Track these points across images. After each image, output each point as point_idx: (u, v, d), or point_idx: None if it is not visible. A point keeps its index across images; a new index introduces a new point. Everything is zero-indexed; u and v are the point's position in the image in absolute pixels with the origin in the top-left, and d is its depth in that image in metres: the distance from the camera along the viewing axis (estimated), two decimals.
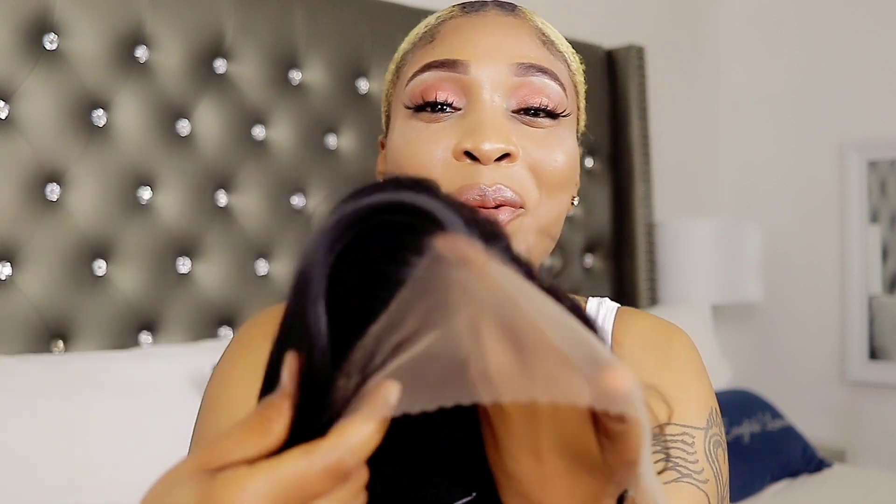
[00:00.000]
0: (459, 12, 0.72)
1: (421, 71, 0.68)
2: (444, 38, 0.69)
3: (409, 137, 0.68)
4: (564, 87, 0.69)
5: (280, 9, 1.82)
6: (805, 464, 2.27)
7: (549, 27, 0.74)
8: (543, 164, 0.67)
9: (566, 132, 0.70)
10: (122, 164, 1.61)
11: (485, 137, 0.64)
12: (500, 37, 0.68)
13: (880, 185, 2.74)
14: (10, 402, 1.30)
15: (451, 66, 0.67)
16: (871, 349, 2.74)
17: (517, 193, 0.65)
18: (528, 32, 0.70)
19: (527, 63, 0.67)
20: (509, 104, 0.67)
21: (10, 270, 1.48)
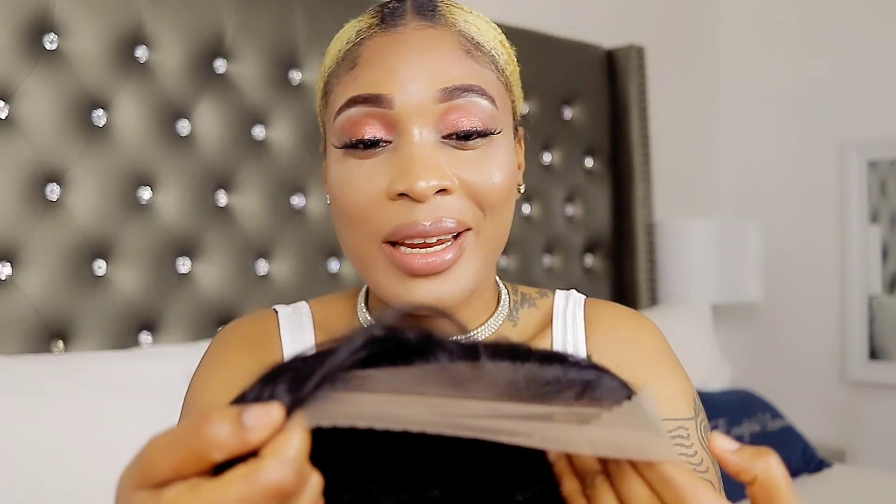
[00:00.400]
0: (378, 27, 0.70)
1: (346, 106, 0.68)
2: (365, 65, 0.68)
3: (344, 178, 0.68)
4: (493, 98, 0.69)
5: (280, 9, 1.82)
6: (805, 464, 2.27)
7: (472, 23, 0.72)
8: (481, 188, 0.67)
9: (500, 144, 0.69)
10: (122, 164, 1.61)
11: (418, 177, 0.64)
12: (422, 60, 0.67)
13: (880, 185, 2.74)
14: (10, 402, 1.30)
15: (374, 102, 0.66)
16: (871, 349, 2.74)
17: (458, 220, 0.66)
18: (451, 44, 0.69)
19: (451, 87, 0.66)
20: (439, 131, 0.67)
21: (10, 270, 1.48)
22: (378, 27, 0.70)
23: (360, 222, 0.67)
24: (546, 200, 2.35)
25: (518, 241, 2.28)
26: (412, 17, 0.70)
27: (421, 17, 0.70)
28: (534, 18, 2.39)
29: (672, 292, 2.60)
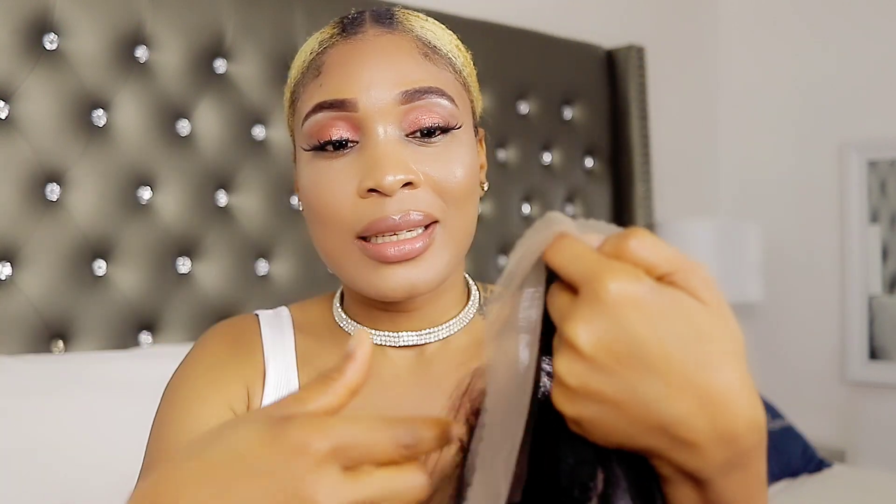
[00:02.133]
0: (339, 36, 0.74)
1: (313, 112, 0.72)
2: (329, 73, 0.72)
3: (315, 180, 0.72)
4: (453, 98, 0.73)
5: (280, 9, 1.82)
6: (805, 464, 2.27)
7: (429, 29, 0.76)
8: (444, 182, 0.71)
9: (462, 139, 0.73)
10: (122, 164, 1.61)
11: (385, 171, 0.68)
12: (382, 64, 0.71)
13: (880, 185, 2.74)
14: (10, 402, 1.30)
15: (339, 106, 0.70)
16: (871, 349, 2.74)
17: (425, 213, 0.70)
18: (409, 49, 0.72)
19: (411, 89, 0.70)
20: (402, 129, 0.71)
21: (10, 270, 1.48)
22: (339, 36, 0.74)
23: (334, 221, 0.71)
24: (546, 200, 2.35)
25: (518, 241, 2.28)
26: (371, 25, 0.74)
27: (379, 25, 0.74)
28: (534, 18, 2.39)
29: None
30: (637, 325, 0.41)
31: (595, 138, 2.49)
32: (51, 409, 1.33)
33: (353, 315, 0.80)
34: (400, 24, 0.75)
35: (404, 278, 0.70)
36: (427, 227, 0.71)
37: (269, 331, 0.81)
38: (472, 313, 0.81)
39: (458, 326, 0.79)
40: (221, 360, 0.78)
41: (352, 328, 0.79)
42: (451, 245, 0.72)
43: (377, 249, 0.69)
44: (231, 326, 0.83)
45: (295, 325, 0.83)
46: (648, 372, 0.41)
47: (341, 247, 0.72)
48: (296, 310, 0.85)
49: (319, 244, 0.75)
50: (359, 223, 0.70)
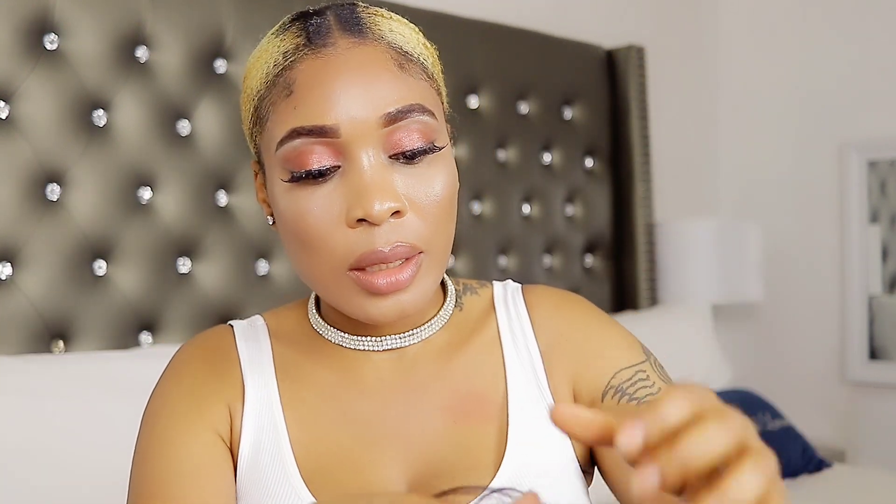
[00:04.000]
0: (307, 48, 0.70)
1: (289, 137, 0.69)
2: (303, 94, 0.69)
3: (297, 209, 0.70)
4: (432, 111, 0.71)
5: (280, 9, 1.81)
6: (805, 464, 2.27)
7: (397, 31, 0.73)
8: (426, 201, 0.70)
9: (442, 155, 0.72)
10: (122, 164, 1.61)
11: (373, 200, 0.67)
12: (360, 84, 0.68)
13: (880, 185, 2.74)
14: (10, 402, 1.30)
15: (319, 133, 0.68)
16: (871, 349, 2.74)
17: (412, 244, 0.69)
18: (383, 62, 0.70)
19: (393, 111, 0.68)
20: (385, 151, 0.69)
21: (10, 270, 1.48)
22: (306, 48, 0.70)
23: (321, 251, 0.70)
24: (546, 200, 2.35)
25: (518, 241, 2.28)
26: (339, 34, 0.70)
27: (349, 34, 0.70)
28: (533, 18, 2.39)
29: (672, 292, 2.60)
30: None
31: (595, 138, 2.49)
32: (51, 409, 1.33)
33: (332, 322, 0.79)
34: (369, 30, 0.71)
35: (396, 306, 0.69)
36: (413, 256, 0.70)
37: (244, 344, 0.79)
38: (451, 310, 0.81)
39: (438, 325, 0.79)
40: (199, 381, 0.76)
41: (332, 335, 0.78)
42: (436, 268, 0.72)
43: (369, 280, 0.68)
44: (205, 343, 0.80)
45: (271, 334, 0.81)
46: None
47: (331, 277, 0.70)
48: (270, 318, 0.83)
49: (305, 271, 0.73)
50: (350, 255, 0.68)
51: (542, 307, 0.82)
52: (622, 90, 2.52)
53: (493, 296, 0.84)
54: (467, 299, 0.83)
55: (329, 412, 0.75)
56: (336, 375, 0.77)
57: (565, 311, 0.82)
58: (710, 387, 0.44)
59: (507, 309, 0.82)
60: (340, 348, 0.78)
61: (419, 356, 0.78)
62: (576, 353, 0.79)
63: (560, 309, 0.82)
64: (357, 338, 0.77)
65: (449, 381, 0.77)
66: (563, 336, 0.80)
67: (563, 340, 0.80)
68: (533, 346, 0.80)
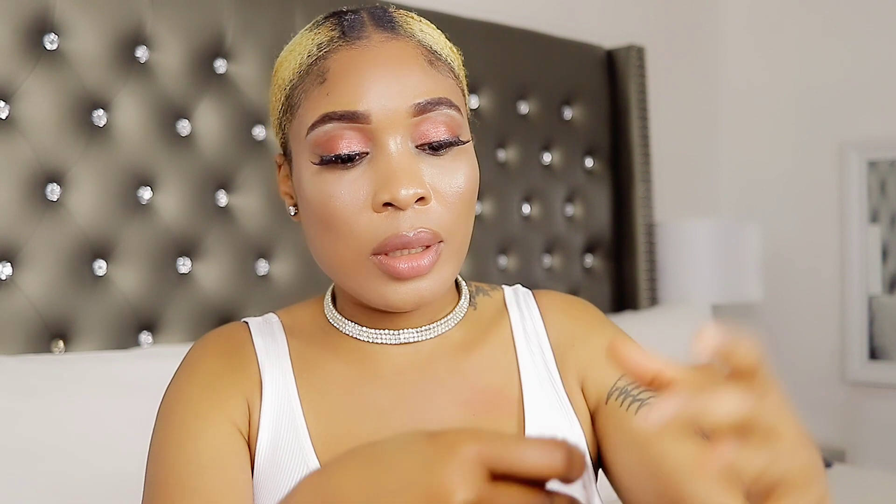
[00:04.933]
0: (341, 40, 0.73)
1: (321, 122, 0.71)
2: (336, 81, 0.71)
3: (324, 192, 0.72)
4: (459, 107, 0.74)
5: (280, 9, 1.82)
6: None
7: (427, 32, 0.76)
8: (449, 193, 0.72)
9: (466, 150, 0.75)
10: (122, 164, 1.61)
11: (400, 185, 0.69)
12: (392, 74, 0.71)
13: (880, 185, 2.74)
14: (10, 402, 1.30)
15: (351, 118, 0.70)
16: (871, 349, 2.74)
17: (434, 231, 0.71)
18: (415, 56, 0.73)
19: (423, 101, 0.71)
20: (413, 140, 0.71)
21: (11, 270, 1.48)
22: (340, 40, 0.73)
23: (346, 235, 0.71)
24: (546, 200, 2.35)
25: (518, 241, 2.28)
26: (373, 29, 0.73)
27: (382, 29, 0.73)
28: (533, 18, 2.39)
29: (672, 292, 2.60)
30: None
31: (595, 138, 2.49)
32: (51, 409, 1.33)
33: (349, 316, 0.80)
34: (401, 27, 0.74)
35: (414, 292, 0.71)
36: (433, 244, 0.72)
37: (260, 339, 0.80)
38: (466, 308, 0.82)
39: (454, 321, 0.80)
40: (217, 374, 0.77)
41: (349, 328, 0.79)
42: (455, 258, 0.74)
43: (391, 264, 0.70)
44: (221, 338, 0.81)
45: (286, 330, 0.82)
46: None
47: (354, 261, 0.72)
48: (284, 315, 0.84)
49: (326, 256, 0.75)
50: (375, 239, 0.70)
51: (554, 310, 0.85)
52: (622, 90, 2.52)
53: (505, 298, 0.86)
54: (480, 300, 0.85)
55: (347, 405, 0.76)
56: (353, 368, 0.78)
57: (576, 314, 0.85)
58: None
59: (519, 310, 0.85)
60: (357, 342, 0.79)
61: (435, 351, 0.79)
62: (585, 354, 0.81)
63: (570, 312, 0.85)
64: (374, 331, 0.78)
65: (465, 376, 0.79)
66: (574, 338, 0.83)
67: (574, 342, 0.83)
68: (546, 346, 0.82)
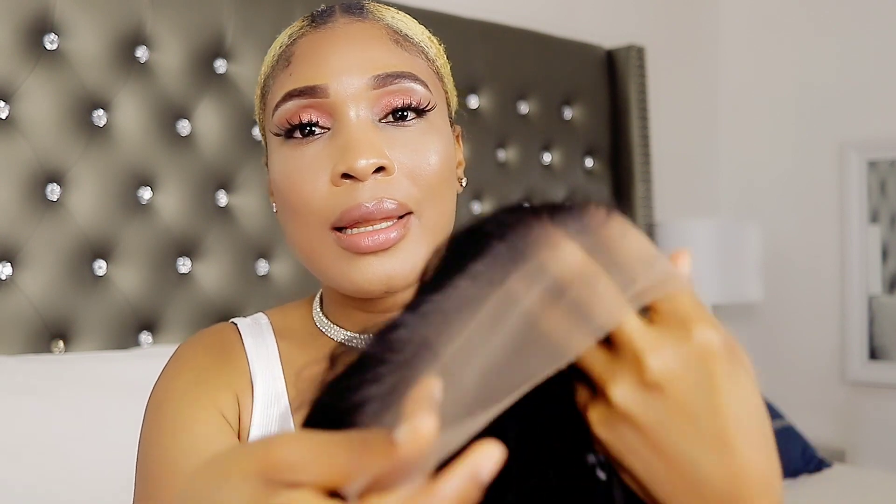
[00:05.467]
0: (309, 27, 0.73)
1: (283, 101, 0.70)
2: (299, 62, 0.71)
3: (286, 168, 0.70)
4: (425, 83, 0.71)
5: (280, 9, 1.82)
6: (805, 464, 2.27)
7: (400, 19, 0.75)
8: (418, 169, 0.69)
9: (436, 125, 0.72)
10: (122, 164, 1.61)
11: (358, 155, 0.66)
12: (353, 50, 0.70)
13: (880, 185, 2.74)
14: (10, 402, 1.30)
15: (310, 93, 0.69)
16: (871, 349, 2.74)
17: (399, 202, 0.68)
18: (380, 36, 0.71)
19: (383, 73, 0.69)
20: (375, 113, 0.69)
21: (11, 270, 1.48)
22: (308, 27, 0.73)
23: (307, 212, 0.69)
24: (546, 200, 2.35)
25: None
26: (340, 14, 0.73)
27: (350, 15, 0.73)
28: (533, 18, 2.39)
29: None
30: (715, 378, 0.41)
31: (595, 138, 2.49)
32: (51, 409, 1.33)
33: (334, 318, 0.78)
34: (370, 13, 0.74)
35: (380, 270, 0.68)
36: (401, 217, 0.69)
37: (251, 339, 0.78)
38: None
39: None
40: (207, 369, 0.75)
41: (332, 332, 0.77)
42: (428, 238, 0.70)
43: (351, 240, 0.67)
44: (211, 336, 0.79)
45: (275, 331, 0.80)
46: (698, 426, 0.41)
47: (315, 238, 0.70)
48: (274, 315, 0.82)
49: (293, 238, 0.73)
50: (333, 213, 0.68)
51: None
52: (622, 90, 2.52)
53: None
54: None
55: None
56: None
57: None
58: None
59: None
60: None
61: None
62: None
63: None
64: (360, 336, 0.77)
65: None
66: None
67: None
68: None
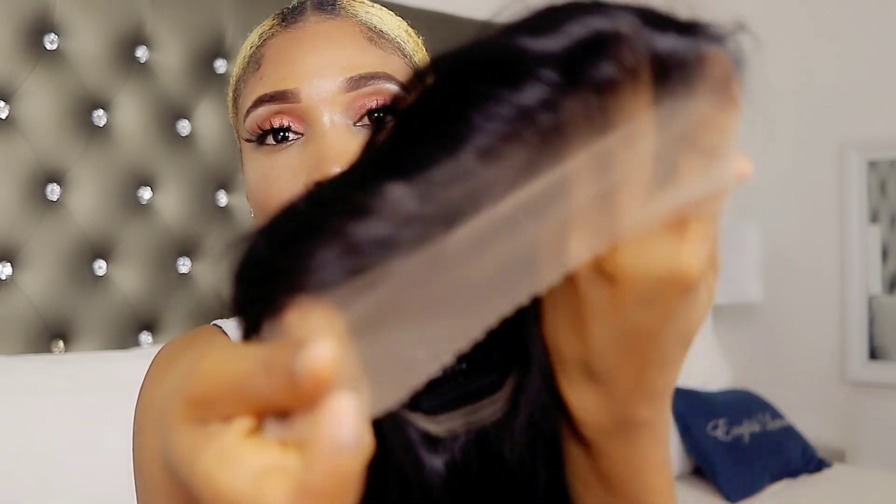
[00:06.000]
0: (279, 26, 0.71)
1: (254, 106, 0.67)
2: (269, 64, 0.68)
3: (259, 176, 0.67)
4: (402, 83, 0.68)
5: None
6: (805, 464, 2.27)
7: (374, 14, 0.72)
8: None
9: None
10: (122, 164, 1.61)
11: (332, 162, 0.63)
12: (324, 51, 0.67)
13: (880, 185, 2.74)
14: (10, 402, 1.30)
15: (281, 98, 0.66)
16: (871, 349, 2.74)
17: None
18: (352, 34, 0.69)
19: (356, 76, 0.66)
20: (349, 118, 0.66)
21: (11, 270, 1.48)
22: (279, 26, 0.71)
23: None
24: None
25: None
26: (312, 12, 0.71)
27: (321, 12, 0.70)
28: None
29: None
30: (669, 306, 0.42)
31: None
32: (51, 409, 1.33)
33: None
34: (343, 9, 0.71)
35: None
36: None
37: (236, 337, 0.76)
38: None
39: None
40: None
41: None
42: None
43: None
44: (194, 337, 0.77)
45: None
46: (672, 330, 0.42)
47: None
48: None
49: None
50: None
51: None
52: None
53: None
54: None
55: None
56: None
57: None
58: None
59: None
60: None
61: None
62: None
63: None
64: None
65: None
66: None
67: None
68: None
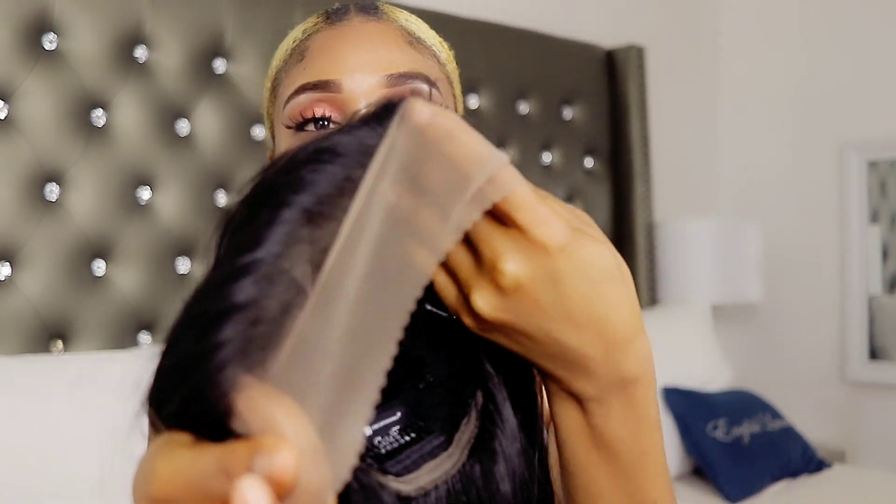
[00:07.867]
0: (324, 24, 0.74)
1: (296, 94, 0.70)
2: (313, 56, 0.71)
3: None
4: (436, 85, 0.72)
5: (280, 9, 1.82)
6: (805, 464, 2.27)
7: (413, 22, 0.76)
8: None
9: None
10: (121, 164, 1.61)
11: None
12: (367, 48, 0.70)
13: (880, 185, 2.74)
14: (10, 402, 1.30)
15: (324, 87, 0.69)
16: (871, 349, 2.74)
17: None
18: (394, 36, 0.72)
19: (396, 73, 0.69)
20: None
21: (10, 270, 1.48)
22: (323, 24, 0.74)
23: None
24: None
25: None
26: (355, 13, 0.74)
27: (365, 14, 0.74)
28: (533, 18, 2.39)
29: (672, 292, 2.59)
30: (558, 272, 0.44)
31: (595, 138, 2.49)
32: (51, 409, 1.33)
33: None
34: (385, 14, 0.75)
35: None
36: None
37: None
38: None
39: None
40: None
41: None
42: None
43: None
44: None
45: None
46: (551, 314, 0.44)
47: None
48: None
49: None
50: None
51: None
52: (622, 90, 2.52)
53: None
54: None
55: None
56: None
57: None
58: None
59: None
60: None
61: None
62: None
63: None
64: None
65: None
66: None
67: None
68: None
